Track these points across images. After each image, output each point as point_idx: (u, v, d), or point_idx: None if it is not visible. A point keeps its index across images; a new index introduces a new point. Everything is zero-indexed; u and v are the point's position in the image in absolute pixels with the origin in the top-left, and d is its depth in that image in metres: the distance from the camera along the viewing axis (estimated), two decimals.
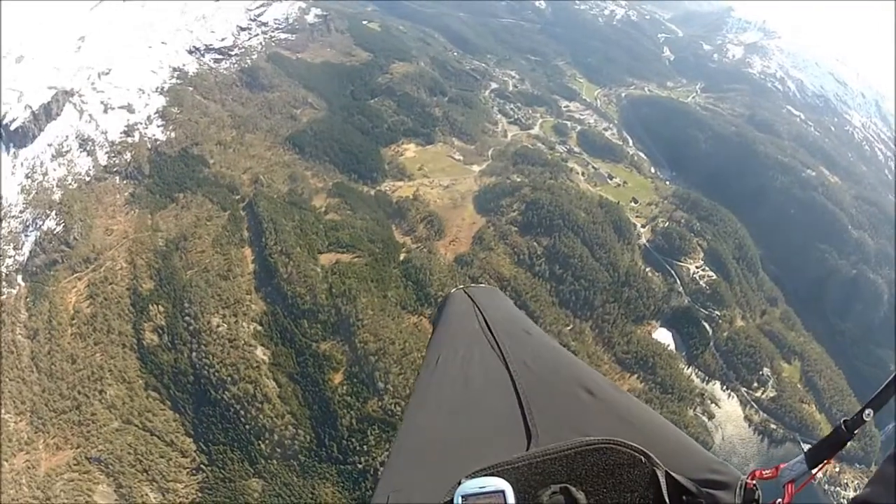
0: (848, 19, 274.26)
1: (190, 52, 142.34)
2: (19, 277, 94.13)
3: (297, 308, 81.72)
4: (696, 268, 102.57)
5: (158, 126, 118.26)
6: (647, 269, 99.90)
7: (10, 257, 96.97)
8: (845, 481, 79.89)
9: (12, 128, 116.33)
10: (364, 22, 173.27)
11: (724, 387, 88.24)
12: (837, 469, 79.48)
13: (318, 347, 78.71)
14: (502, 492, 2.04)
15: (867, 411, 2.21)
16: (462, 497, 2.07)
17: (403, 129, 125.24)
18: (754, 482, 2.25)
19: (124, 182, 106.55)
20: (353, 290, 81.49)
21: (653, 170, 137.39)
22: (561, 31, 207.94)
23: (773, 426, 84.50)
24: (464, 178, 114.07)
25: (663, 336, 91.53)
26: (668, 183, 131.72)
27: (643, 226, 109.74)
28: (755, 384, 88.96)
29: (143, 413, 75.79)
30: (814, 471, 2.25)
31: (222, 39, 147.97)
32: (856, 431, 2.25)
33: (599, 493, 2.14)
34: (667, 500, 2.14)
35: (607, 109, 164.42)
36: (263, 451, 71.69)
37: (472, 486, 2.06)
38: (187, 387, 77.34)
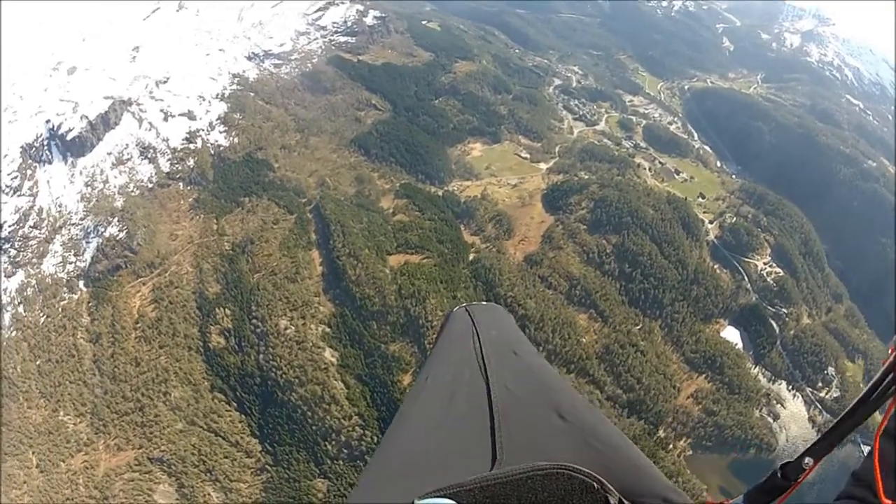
0: None
1: (249, 59, 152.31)
2: (81, 283, 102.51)
3: (365, 310, 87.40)
4: (764, 264, 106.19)
5: (221, 132, 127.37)
6: (716, 266, 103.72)
7: (70, 263, 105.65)
8: None
9: (68, 137, 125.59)
10: (423, 22, 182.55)
11: (790, 387, 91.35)
12: None
13: (387, 349, 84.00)
14: None
15: (807, 459, 2.30)
16: None
17: (469, 129, 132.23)
18: None
19: (188, 188, 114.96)
20: (422, 291, 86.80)
21: (719, 163, 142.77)
22: (621, 24, 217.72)
23: None
24: (531, 177, 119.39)
25: (731, 335, 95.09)
26: (734, 177, 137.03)
27: (711, 222, 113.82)
28: (820, 384, 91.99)
29: (209, 414, 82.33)
30: None
31: (281, 45, 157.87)
32: (798, 479, 2.34)
33: None
34: None
35: (671, 103, 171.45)
36: (330, 452, 76.91)
37: None
38: (254, 388, 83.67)
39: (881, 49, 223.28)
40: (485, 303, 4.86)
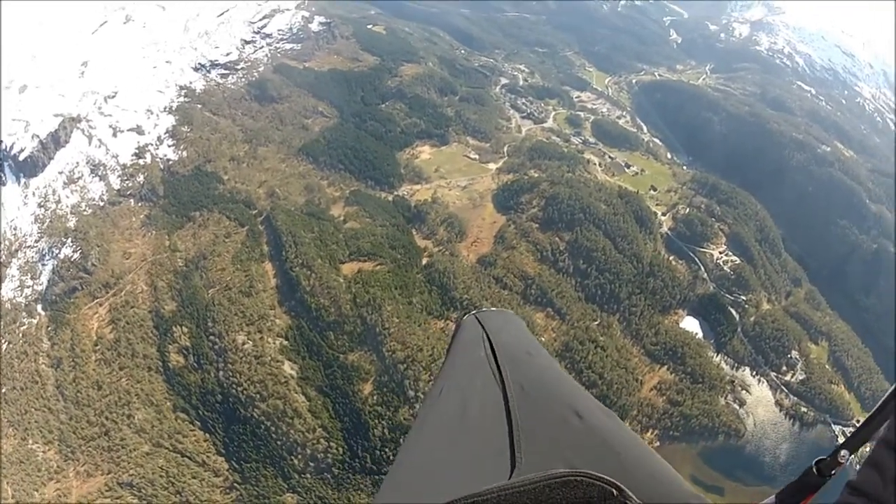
0: None
1: (196, 70, 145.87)
2: (39, 307, 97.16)
3: (322, 320, 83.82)
4: (720, 253, 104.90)
5: (169, 146, 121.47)
6: (671, 258, 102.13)
7: (27, 287, 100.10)
8: None
9: (21, 158, 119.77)
10: (369, 26, 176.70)
11: (754, 372, 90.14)
12: None
13: (346, 359, 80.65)
14: None
15: (843, 453, 2.22)
16: None
17: (417, 132, 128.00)
18: None
19: (139, 204, 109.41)
20: (377, 299, 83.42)
21: (669, 155, 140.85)
22: (566, 20, 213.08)
23: (803, 409, 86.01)
24: (481, 177, 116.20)
25: (691, 325, 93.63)
26: (685, 168, 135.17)
27: (664, 213, 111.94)
28: (784, 368, 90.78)
29: (173, 435, 78.33)
30: None
31: (227, 54, 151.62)
32: (832, 473, 2.26)
33: None
34: None
35: (619, 97, 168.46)
36: (296, 466, 73.86)
37: None
38: (216, 406, 79.67)
39: (833, 35, 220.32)
40: (494, 309, 4.67)
